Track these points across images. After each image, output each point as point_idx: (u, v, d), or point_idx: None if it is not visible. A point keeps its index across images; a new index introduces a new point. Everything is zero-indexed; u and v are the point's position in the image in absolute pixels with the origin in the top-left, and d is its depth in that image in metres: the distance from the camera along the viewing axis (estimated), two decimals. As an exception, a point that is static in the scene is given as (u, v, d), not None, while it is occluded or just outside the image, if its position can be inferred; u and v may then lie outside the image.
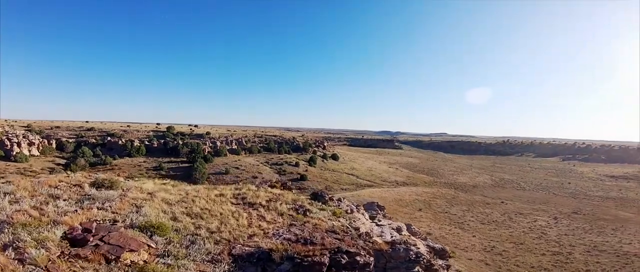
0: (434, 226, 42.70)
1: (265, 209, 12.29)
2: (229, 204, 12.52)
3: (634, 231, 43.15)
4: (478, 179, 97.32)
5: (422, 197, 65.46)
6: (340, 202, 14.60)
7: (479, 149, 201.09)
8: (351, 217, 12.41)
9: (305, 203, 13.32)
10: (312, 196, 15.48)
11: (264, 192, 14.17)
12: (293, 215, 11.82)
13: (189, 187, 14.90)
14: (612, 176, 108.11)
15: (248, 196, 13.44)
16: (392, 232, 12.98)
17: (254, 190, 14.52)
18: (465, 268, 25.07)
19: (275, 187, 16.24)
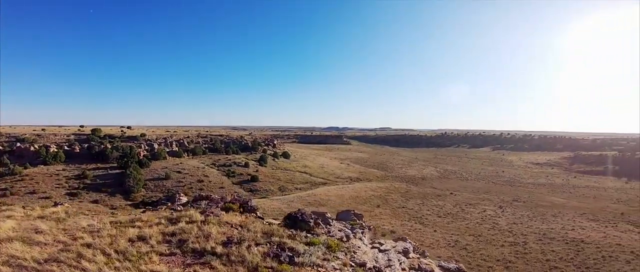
0: (395, 222, 41.76)
1: (224, 261, 7.47)
2: (156, 258, 7.41)
3: (571, 216, 46.63)
4: (425, 171, 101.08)
5: (378, 192, 65.16)
6: (329, 226, 11.18)
7: (420, 142, 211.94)
8: (350, 248, 9.30)
9: (285, 237, 8.82)
10: (290, 221, 10.72)
11: (216, 227, 8.95)
12: (273, 267, 7.23)
13: (86, 221, 9.48)
14: (537, 163, 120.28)
15: (191, 236, 8.35)
16: (400, 259, 10.30)
17: (199, 221, 9.27)
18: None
19: (233, 210, 11.36)
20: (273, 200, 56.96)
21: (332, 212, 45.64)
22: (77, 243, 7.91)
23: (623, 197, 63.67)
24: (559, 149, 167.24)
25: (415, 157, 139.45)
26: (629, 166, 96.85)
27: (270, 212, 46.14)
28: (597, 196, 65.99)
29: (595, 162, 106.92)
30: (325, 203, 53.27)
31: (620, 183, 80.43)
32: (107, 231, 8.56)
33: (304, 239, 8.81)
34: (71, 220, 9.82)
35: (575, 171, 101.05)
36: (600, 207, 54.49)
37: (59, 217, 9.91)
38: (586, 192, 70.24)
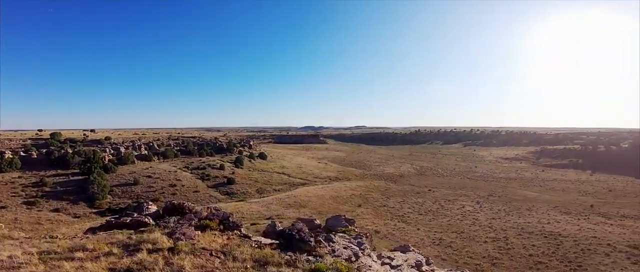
0: (378, 222, 41.11)
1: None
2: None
3: (545, 210, 48.01)
4: (402, 168, 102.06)
5: (358, 191, 64.60)
6: (333, 243, 9.43)
7: (395, 139, 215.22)
8: (361, 269, 7.90)
9: (283, 266, 6.85)
10: (284, 241, 8.57)
11: (190, 257, 6.64)
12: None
13: (8, 251, 6.59)
14: (506, 158, 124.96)
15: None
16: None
17: (166, 249, 6.89)
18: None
19: (210, 228, 8.94)
20: (251, 203, 54.89)
21: (313, 214, 44.29)
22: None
23: (590, 190, 66.90)
24: (525, 144, 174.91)
25: (392, 155, 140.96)
26: (591, 159, 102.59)
27: (249, 217, 44.22)
28: (565, 188, 68.95)
29: (560, 156, 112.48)
30: (305, 204, 51.91)
31: (585, 176, 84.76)
32: (32, 268, 5.87)
33: (307, 265, 7.09)
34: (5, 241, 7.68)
35: (542, 164, 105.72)
36: (570, 200, 56.73)
37: None
38: (555, 185, 73.28)
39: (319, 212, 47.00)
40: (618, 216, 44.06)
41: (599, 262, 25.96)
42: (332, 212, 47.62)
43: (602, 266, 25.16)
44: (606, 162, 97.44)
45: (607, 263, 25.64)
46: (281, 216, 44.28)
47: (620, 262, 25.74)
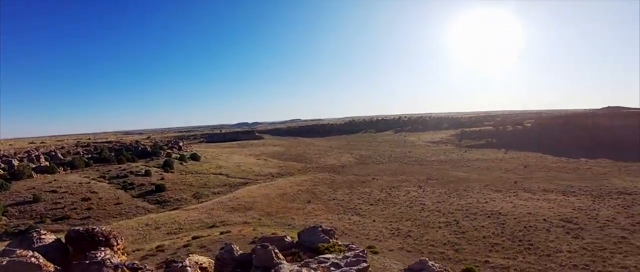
0: (332, 217, 39.39)
1: None
2: None
3: (479, 189, 51.59)
4: (343, 158, 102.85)
5: (304, 186, 62.40)
6: None
7: (331, 130, 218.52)
8: None
9: None
10: None
11: None
12: None
13: None
14: (434, 141, 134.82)
15: None
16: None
17: None
18: (398, 263, 21.88)
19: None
20: (189, 210, 48.96)
21: (262, 216, 40.50)
22: None
23: (508, 167, 74.62)
24: (445, 128, 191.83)
25: (330, 146, 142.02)
26: (503, 138, 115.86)
27: (188, 227, 38.96)
28: (489, 167, 75.91)
29: (478, 137, 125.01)
30: (251, 206, 47.95)
31: (501, 154, 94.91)
32: None
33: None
34: None
35: (464, 146, 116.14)
36: (496, 178, 62.23)
37: None
38: (479, 164, 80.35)
39: (268, 214, 43.71)
40: (540, 190, 49.10)
41: (544, 238, 27.64)
42: (281, 212, 44.64)
43: (549, 242, 26.78)
44: (515, 140, 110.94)
45: (552, 239, 27.40)
46: (226, 222, 39.91)
47: (562, 237, 27.75)
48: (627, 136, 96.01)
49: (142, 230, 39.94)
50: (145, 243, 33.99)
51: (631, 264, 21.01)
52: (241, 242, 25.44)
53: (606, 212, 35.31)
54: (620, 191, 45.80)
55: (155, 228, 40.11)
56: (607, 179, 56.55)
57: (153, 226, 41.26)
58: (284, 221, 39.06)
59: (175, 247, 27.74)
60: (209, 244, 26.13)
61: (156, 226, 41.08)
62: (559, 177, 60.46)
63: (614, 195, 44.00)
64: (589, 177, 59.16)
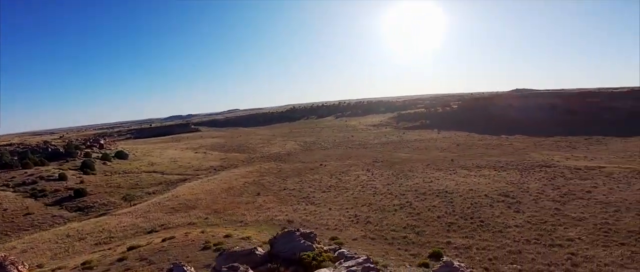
0: (286, 209, 37.59)
1: None
2: None
3: (422, 169, 54.02)
4: (287, 146, 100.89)
5: (250, 178, 59.32)
6: None
7: (272, 118, 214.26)
8: None
9: None
10: None
11: None
12: None
13: None
14: (373, 125, 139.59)
15: None
16: None
17: None
18: (365, 251, 21.10)
19: None
20: (120, 215, 43.07)
21: (208, 214, 37.24)
22: None
23: (443, 146, 79.91)
24: (382, 112, 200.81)
25: (273, 134, 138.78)
26: (435, 119, 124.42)
27: (122, 235, 34.05)
28: (426, 147, 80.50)
29: (413, 119, 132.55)
30: (195, 204, 43.83)
31: (435, 134, 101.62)
32: None
33: None
34: None
35: (402, 128, 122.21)
36: (435, 157, 66.01)
37: None
38: (418, 145, 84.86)
39: (215, 211, 40.27)
40: (474, 167, 53.02)
41: (491, 214, 29.32)
42: (230, 208, 41.47)
43: (495, 217, 28.44)
44: (445, 121, 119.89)
45: (497, 214, 29.15)
46: (168, 225, 35.67)
47: (506, 212, 29.74)
48: (536, 114, 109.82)
49: (62, 243, 33.85)
50: (69, 258, 28.69)
51: (575, 236, 23.01)
52: (190, 249, 22.42)
53: (535, 185, 39.11)
54: (540, 164, 51.50)
55: (80, 239, 34.29)
56: (527, 153, 63.54)
57: (76, 237, 35.25)
58: (234, 218, 36.19)
59: (108, 262, 23.51)
60: (151, 255, 22.55)
61: (80, 236, 35.16)
62: (487, 153, 66.30)
63: (537, 168, 49.30)
64: (512, 152, 65.89)
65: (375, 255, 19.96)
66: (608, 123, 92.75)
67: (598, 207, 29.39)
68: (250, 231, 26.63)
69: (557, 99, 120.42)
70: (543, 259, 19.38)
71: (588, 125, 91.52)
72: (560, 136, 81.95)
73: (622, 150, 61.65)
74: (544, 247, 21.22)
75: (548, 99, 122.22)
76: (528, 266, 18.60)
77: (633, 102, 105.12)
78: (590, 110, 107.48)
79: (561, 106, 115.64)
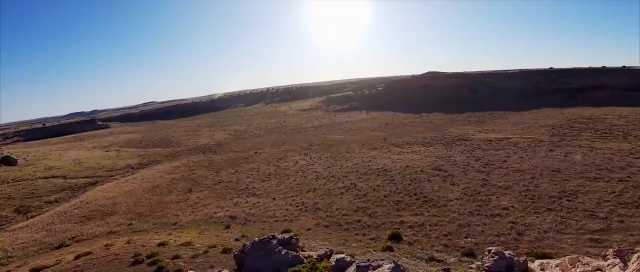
0: (225, 204, 34.54)
1: None
2: None
3: (358, 149, 55.22)
4: (216, 136, 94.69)
5: (178, 173, 53.81)
6: None
7: (196, 109, 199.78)
8: None
9: None
10: None
11: None
12: None
13: None
14: (304, 109, 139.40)
15: None
16: None
17: None
18: (324, 241, 20.07)
19: None
20: (14, 230, 35.08)
21: (132, 219, 32.46)
22: None
23: (374, 126, 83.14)
24: (311, 96, 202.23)
25: (198, 125, 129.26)
26: (363, 101, 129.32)
27: (22, 253, 27.66)
28: (358, 128, 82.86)
29: (343, 102, 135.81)
30: (112, 210, 37.76)
31: (364, 115, 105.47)
32: None
33: None
34: None
35: (332, 111, 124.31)
36: (368, 137, 68.18)
37: None
38: (350, 126, 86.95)
39: (140, 215, 35.20)
40: (405, 144, 55.96)
41: (431, 189, 30.74)
42: (158, 209, 36.70)
43: (435, 191, 29.90)
44: (372, 102, 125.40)
45: (436, 188, 30.69)
46: (80, 238, 29.87)
47: (443, 185, 31.54)
48: (447, 93, 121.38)
49: None
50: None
51: (508, 205, 25.15)
52: (116, 265, 18.61)
53: (460, 158, 42.57)
54: (459, 138, 56.63)
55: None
56: (446, 128, 69.54)
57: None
58: (165, 221, 31.96)
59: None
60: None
61: (-40, 263, 27.39)
62: (413, 131, 70.84)
63: (457, 142, 54.06)
64: (433, 128, 71.48)
65: (335, 244, 19.02)
66: (504, 100, 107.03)
67: (517, 175, 33.05)
68: (188, 234, 23.41)
69: (462, 80, 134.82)
70: (490, 230, 20.74)
71: (489, 102, 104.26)
72: (469, 112, 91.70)
73: (519, 122, 71.32)
74: (486, 218, 22.81)
75: (455, 79, 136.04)
76: (481, 238, 19.65)
77: (522, 81, 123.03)
78: (489, 89, 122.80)
79: (466, 86, 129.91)
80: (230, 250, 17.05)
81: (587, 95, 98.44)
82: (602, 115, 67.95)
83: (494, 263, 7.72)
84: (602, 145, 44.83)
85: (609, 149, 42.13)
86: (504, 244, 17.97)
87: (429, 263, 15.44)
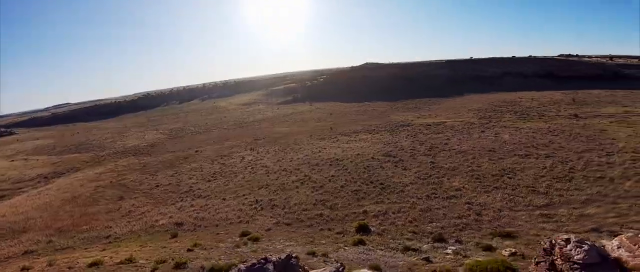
0: (168, 210, 30.93)
1: None
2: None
3: (306, 140, 54.29)
4: (148, 137, 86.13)
5: (104, 180, 47.47)
6: None
7: (121, 109, 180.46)
8: None
9: None
10: None
11: None
12: None
13: None
14: (245, 103, 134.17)
15: None
16: None
17: None
18: (289, 241, 18.65)
19: None
20: None
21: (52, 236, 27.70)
22: None
23: (319, 116, 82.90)
24: (252, 90, 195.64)
25: (125, 126, 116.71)
26: (305, 93, 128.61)
27: None
28: (303, 119, 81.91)
29: (285, 94, 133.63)
30: (26, 226, 31.59)
31: (307, 106, 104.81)
32: None
33: None
34: None
35: (275, 103, 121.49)
36: (314, 127, 67.62)
37: None
38: (295, 117, 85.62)
39: (60, 230, 30.05)
40: (353, 132, 56.47)
41: (385, 175, 30.94)
42: (83, 222, 31.71)
43: (391, 177, 30.14)
44: (315, 93, 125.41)
45: (390, 175, 30.96)
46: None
47: (396, 171, 31.96)
48: (385, 82, 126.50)
49: None
50: None
51: (459, 186, 26.16)
52: (34, 299, 15.06)
53: (406, 143, 44.04)
54: (402, 124, 58.91)
55: None
56: (388, 115, 72.08)
57: None
58: (94, 234, 27.51)
59: None
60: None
61: None
62: (358, 119, 72.11)
63: (400, 128, 56.13)
64: (377, 116, 73.60)
65: (301, 243, 17.73)
66: (435, 87, 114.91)
67: (459, 156, 35.02)
68: (128, 248, 20.14)
69: (398, 69, 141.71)
70: (451, 213, 21.25)
71: (423, 89, 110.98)
72: (407, 99, 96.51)
73: (450, 107, 76.80)
74: (444, 201, 23.46)
75: (392, 69, 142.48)
76: (445, 222, 19.97)
77: (448, 71, 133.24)
78: (422, 77, 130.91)
79: (402, 75, 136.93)
80: (184, 264, 14.75)
81: (502, 81, 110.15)
82: (517, 99, 76.34)
83: (586, 254, 6.76)
84: (523, 125, 50.07)
85: (529, 128, 47.15)
86: (467, 225, 18.54)
87: (405, 253, 15.07)
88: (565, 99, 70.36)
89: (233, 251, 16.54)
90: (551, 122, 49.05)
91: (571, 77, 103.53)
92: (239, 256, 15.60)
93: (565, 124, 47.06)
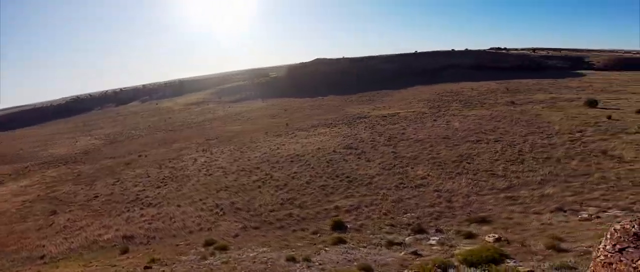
0: (112, 222, 27.37)
1: None
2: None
3: (263, 138, 52.51)
4: (81, 143, 77.31)
5: (32, 194, 41.40)
6: None
7: (46, 114, 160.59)
8: None
9: None
10: None
11: None
12: None
13: None
14: (193, 103, 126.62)
15: None
16: None
17: None
18: (265, 247, 17.14)
19: None
20: None
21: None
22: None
23: (273, 113, 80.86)
24: (199, 90, 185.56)
25: (53, 132, 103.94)
26: (257, 90, 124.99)
27: None
28: (257, 116, 79.32)
29: (236, 92, 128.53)
30: None
31: (260, 103, 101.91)
32: None
33: None
34: None
35: (225, 102, 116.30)
36: (269, 124, 65.67)
37: None
38: (248, 115, 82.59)
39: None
40: (310, 127, 55.66)
41: (350, 168, 30.49)
42: (11, 242, 27.13)
43: (356, 170, 29.70)
44: (266, 90, 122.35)
45: (355, 167, 30.48)
46: None
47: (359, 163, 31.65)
48: (336, 77, 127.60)
49: None
50: None
51: (424, 174, 26.47)
52: None
53: (365, 134, 44.28)
54: (358, 117, 59.44)
55: None
56: (343, 109, 72.47)
57: None
58: (25, 255, 23.44)
59: None
60: None
61: None
62: (313, 113, 71.50)
63: (357, 120, 56.55)
64: (333, 109, 73.64)
65: (276, 248, 16.35)
66: (384, 80, 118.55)
67: (418, 145, 35.88)
68: (68, 269, 17.18)
69: (348, 64, 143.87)
70: (423, 202, 21.29)
71: (373, 83, 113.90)
72: (359, 92, 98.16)
73: (401, 99, 79.52)
74: (413, 190, 23.53)
75: (342, 64, 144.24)
76: (420, 212, 19.87)
77: (396, 64, 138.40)
78: (372, 71, 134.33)
79: (352, 69, 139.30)
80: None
81: (444, 73, 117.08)
82: (460, 89, 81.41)
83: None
84: (469, 112, 53.23)
85: (475, 115, 50.19)
86: (441, 213, 18.65)
87: (390, 249, 14.53)
88: (500, 88, 76.57)
89: (200, 264, 14.67)
90: (492, 109, 52.73)
91: (502, 68, 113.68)
92: (209, 269, 13.84)
93: (505, 111, 50.88)
